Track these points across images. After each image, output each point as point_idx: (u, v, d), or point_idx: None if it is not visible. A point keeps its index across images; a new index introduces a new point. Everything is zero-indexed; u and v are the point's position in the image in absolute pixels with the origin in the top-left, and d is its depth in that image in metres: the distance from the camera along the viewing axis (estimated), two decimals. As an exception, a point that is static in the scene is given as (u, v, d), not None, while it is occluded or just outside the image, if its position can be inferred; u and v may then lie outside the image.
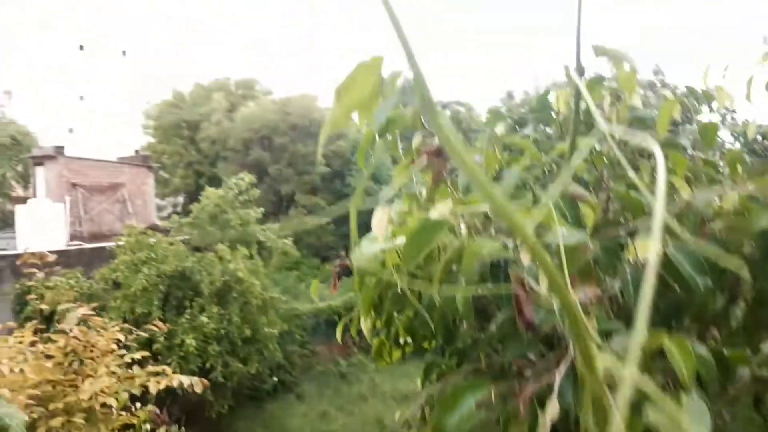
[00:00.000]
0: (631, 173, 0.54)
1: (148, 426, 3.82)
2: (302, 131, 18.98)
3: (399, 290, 1.22)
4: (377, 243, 1.18)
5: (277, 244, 12.33)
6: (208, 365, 8.77)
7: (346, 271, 1.53)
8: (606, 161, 1.28)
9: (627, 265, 0.94)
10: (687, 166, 1.20)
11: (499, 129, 1.70)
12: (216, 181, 16.09)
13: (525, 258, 0.84)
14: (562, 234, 0.83)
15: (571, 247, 0.84)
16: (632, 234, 0.97)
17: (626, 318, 0.94)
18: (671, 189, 1.17)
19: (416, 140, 1.24)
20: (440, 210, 0.98)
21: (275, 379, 10.41)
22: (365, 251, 1.21)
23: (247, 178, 12.92)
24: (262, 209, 12.57)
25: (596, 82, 1.36)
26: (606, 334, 0.84)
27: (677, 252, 0.89)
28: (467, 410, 0.82)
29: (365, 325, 1.43)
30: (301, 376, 11.32)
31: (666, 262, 0.90)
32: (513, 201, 0.99)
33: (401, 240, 1.11)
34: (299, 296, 12.19)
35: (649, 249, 0.86)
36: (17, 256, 11.30)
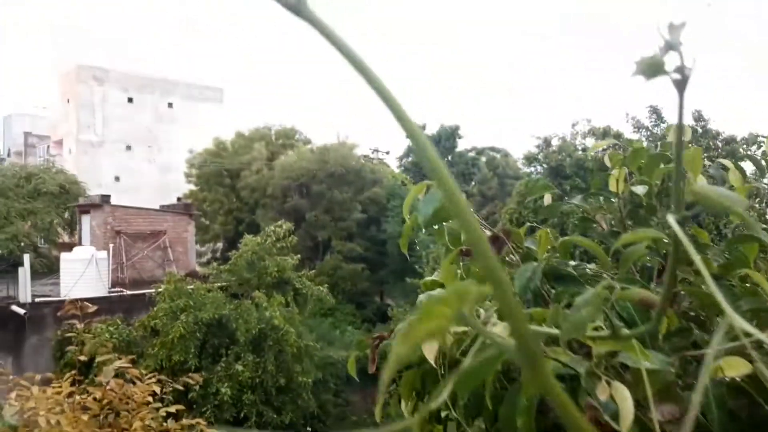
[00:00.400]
0: (704, 271, 0.50)
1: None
2: (339, 179, 19.24)
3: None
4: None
5: (312, 291, 12.37)
6: (242, 414, 8.74)
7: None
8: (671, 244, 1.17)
9: (709, 380, 0.83)
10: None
11: (547, 199, 1.60)
12: (255, 228, 16.34)
13: (603, 393, 0.77)
14: (644, 363, 0.77)
15: (652, 370, 0.80)
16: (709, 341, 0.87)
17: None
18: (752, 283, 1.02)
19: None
20: (498, 330, 0.90)
21: (309, 429, 10.30)
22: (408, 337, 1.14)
23: (285, 225, 13.07)
24: (298, 256, 12.66)
25: (658, 161, 1.27)
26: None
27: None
28: None
29: (406, 409, 1.32)
30: (334, 427, 11.18)
31: (754, 378, 0.80)
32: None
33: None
34: (334, 343, 12.15)
35: (735, 368, 0.78)
36: (60, 302, 11.61)
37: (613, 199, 1.43)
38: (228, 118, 27.90)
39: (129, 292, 13.17)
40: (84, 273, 13.37)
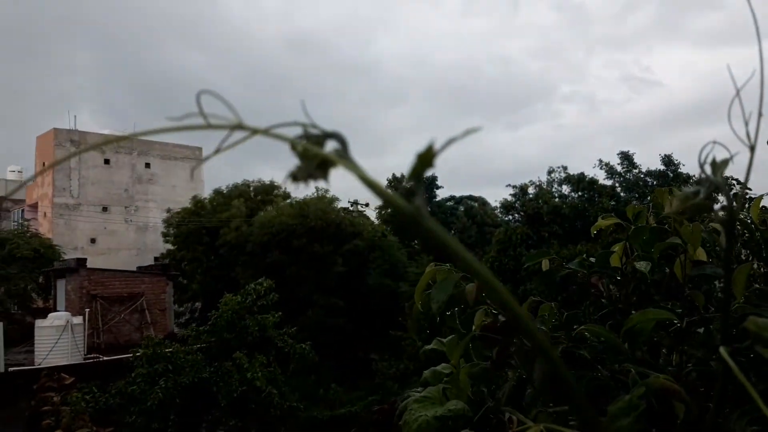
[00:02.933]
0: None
1: None
2: (319, 233, 19.17)
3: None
4: (430, 409, 1.09)
5: (294, 349, 12.13)
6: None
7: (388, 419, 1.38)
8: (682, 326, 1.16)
9: None
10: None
11: (545, 264, 1.57)
12: (235, 286, 16.12)
13: None
14: None
15: None
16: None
17: None
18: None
19: (478, 318, 1.17)
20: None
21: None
22: (416, 416, 1.11)
23: (266, 282, 12.90)
24: (280, 313, 12.47)
25: (660, 237, 1.27)
26: None
27: None
28: None
29: None
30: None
31: None
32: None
33: (454, 406, 1.07)
34: (318, 402, 11.86)
35: None
36: (35, 372, 11.24)
37: (618, 277, 1.40)
38: (207, 176, 27.90)
39: (106, 358, 12.81)
40: (59, 340, 13.01)
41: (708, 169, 0.71)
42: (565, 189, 18.44)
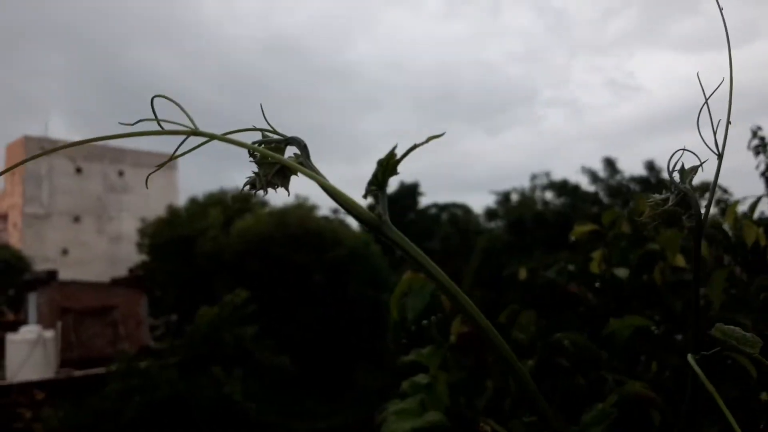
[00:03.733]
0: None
1: None
2: (298, 242, 18.96)
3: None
4: (407, 421, 1.10)
5: (273, 361, 11.96)
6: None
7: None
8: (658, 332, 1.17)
9: None
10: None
11: (522, 273, 1.63)
12: (211, 297, 15.86)
13: None
14: None
15: None
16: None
17: None
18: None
19: (455, 327, 1.17)
20: None
21: None
22: (394, 429, 1.11)
23: (243, 294, 12.72)
24: (257, 326, 12.29)
25: (638, 243, 1.31)
26: None
27: None
28: None
29: None
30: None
31: None
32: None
33: (431, 417, 1.08)
34: (299, 415, 11.67)
35: None
36: (6, 388, 10.91)
37: (597, 284, 1.43)
38: (182, 184, 27.55)
39: (79, 373, 12.48)
40: (30, 354, 12.68)
41: (677, 176, 0.74)
42: (549, 195, 18.55)
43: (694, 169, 0.74)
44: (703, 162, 0.73)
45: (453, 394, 1.13)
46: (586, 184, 17.72)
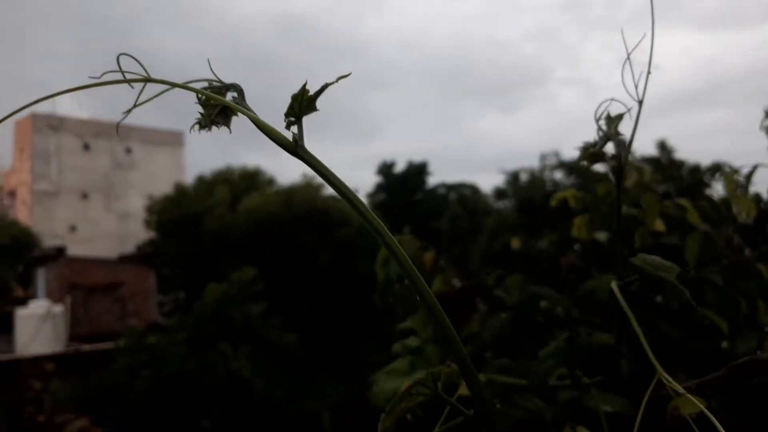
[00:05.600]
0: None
1: None
2: (306, 221, 18.96)
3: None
4: (396, 380, 1.12)
5: (281, 339, 12.01)
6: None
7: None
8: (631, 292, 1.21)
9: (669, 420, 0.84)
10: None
11: (515, 243, 1.67)
12: (218, 275, 15.91)
13: None
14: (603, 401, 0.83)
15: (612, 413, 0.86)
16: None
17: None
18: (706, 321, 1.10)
19: (435, 285, 1.22)
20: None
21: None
22: (383, 387, 1.15)
23: (250, 271, 12.76)
24: (264, 304, 12.33)
25: (616, 206, 1.32)
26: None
27: (724, 413, 0.79)
28: None
29: None
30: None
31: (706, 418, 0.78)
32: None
33: (420, 374, 1.07)
34: (305, 394, 11.75)
35: (689, 407, 0.80)
36: (16, 361, 11.02)
37: (575, 246, 1.51)
38: (190, 162, 27.55)
39: (87, 347, 12.59)
40: (40, 329, 12.79)
41: (603, 124, 0.82)
42: (558, 175, 18.42)
43: (620, 117, 0.82)
44: (628, 110, 0.80)
45: (441, 353, 1.16)
46: (597, 164, 17.60)
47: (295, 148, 0.53)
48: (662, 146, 16.41)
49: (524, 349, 1.11)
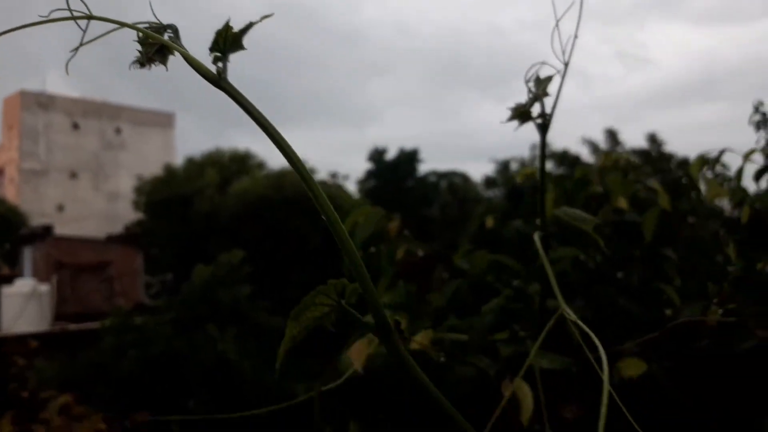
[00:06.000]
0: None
1: None
2: (296, 206, 18.92)
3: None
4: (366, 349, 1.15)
5: (269, 322, 12.01)
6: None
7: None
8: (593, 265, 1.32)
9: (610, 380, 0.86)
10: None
11: (489, 222, 1.74)
12: (207, 257, 15.86)
13: (506, 390, 0.84)
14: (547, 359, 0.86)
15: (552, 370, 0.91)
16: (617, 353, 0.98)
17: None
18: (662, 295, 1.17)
19: (399, 253, 1.24)
20: (419, 340, 0.97)
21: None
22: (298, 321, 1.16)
23: (239, 254, 12.72)
24: (252, 287, 12.32)
25: (582, 185, 1.41)
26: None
27: (664, 375, 0.89)
28: None
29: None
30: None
31: (650, 381, 0.90)
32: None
33: None
34: (293, 376, 11.77)
35: (633, 368, 0.88)
36: (1, 340, 10.95)
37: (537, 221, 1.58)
38: (180, 143, 27.37)
39: (74, 327, 12.53)
40: (25, 307, 12.72)
41: (532, 85, 0.86)
42: (549, 165, 18.47)
43: (548, 78, 0.86)
44: (556, 73, 0.85)
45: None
46: (586, 155, 17.72)
47: (219, 81, 0.54)
48: (652, 139, 16.51)
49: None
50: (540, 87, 0.86)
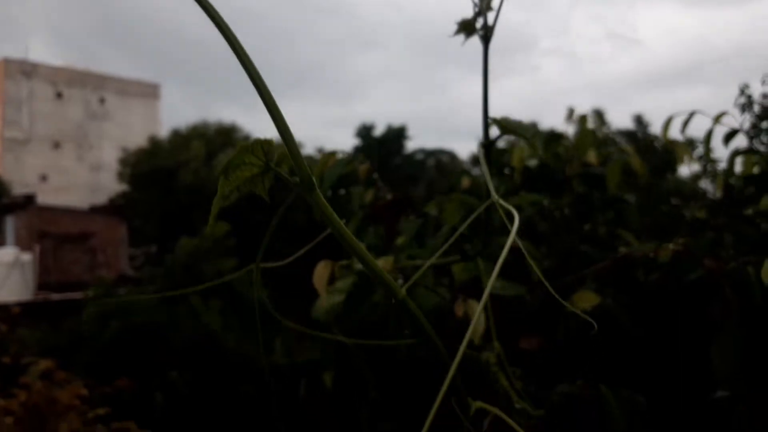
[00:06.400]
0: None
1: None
2: (281, 178, 18.83)
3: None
4: (339, 295, 1.18)
5: (253, 295, 12.03)
6: (179, 423, 8.36)
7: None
8: (559, 214, 1.38)
9: (568, 316, 0.96)
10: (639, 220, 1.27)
11: (465, 182, 1.81)
12: (192, 230, 15.81)
13: (459, 310, 0.87)
14: (498, 286, 0.89)
15: (509, 299, 0.93)
16: (574, 285, 1.01)
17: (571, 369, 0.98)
18: (621, 242, 1.21)
19: (369, 195, 1.26)
20: (381, 264, 0.99)
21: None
22: (324, 303, 1.24)
23: (223, 227, 12.67)
24: (236, 260, 12.32)
25: (553, 139, 1.47)
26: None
27: (615, 305, 0.92)
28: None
29: (328, 380, 1.39)
30: (275, 434, 10.87)
31: (604, 314, 0.93)
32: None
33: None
34: (277, 349, 11.85)
35: (587, 301, 0.90)
36: (-19, 308, 10.89)
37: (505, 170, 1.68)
38: (165, 115, 27.09)
39: (56, 297, 12.51)
40: (8, 276, 12.66)
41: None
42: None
43: None
44: None
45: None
46: (572, 134, 17.76)
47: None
48: (639, 120, 16.61)
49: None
50: (483, 1, 0.91)
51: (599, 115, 17.22)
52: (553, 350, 0.99)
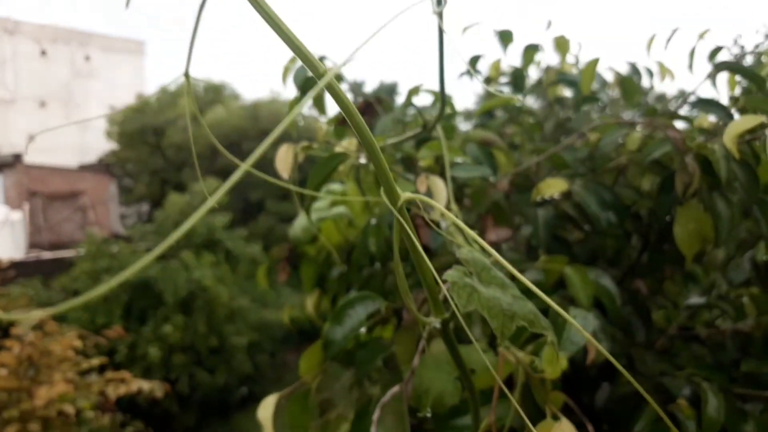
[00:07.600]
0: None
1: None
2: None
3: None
4: (316, 213, 1.21)
5: (245, 252, 12.08)
6: (173, 376, 8.48)
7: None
8: (532, 121, 1.43)
9: (535, 205, 0.97)
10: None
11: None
12: (182, 188, 15.74)
13: (422, 186, 0.87)
14: (462, 168, 0.91)
15: (478, 187, 0.95)
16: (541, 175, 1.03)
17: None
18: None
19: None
20: (345, 145, 1.01)
21: (246, 389, 10.12)
22: (300, 222, 1.27)
23: (213, 184, 12.65)
24: (229, 215, 12.32)
25: (531, 49, 1.52)
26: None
27: (582, 189, 0.92)
28: (357, 322, 0.79)
29: (310, 303, 1.37)
30: (271, 388, 11.03)
31: (573, 201, 0.94)
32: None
33: (337, 210, 1.21)
34: (269, 304, 11.94)
35: (554, 187, 0.90)
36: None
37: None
38: (151, 72, 26.64)
39: (47, 255, 12.49)
40: (-2, 236, 12.61)
41: None
42: (530, 101, 18.45)
43: None
44: None
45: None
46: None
47: None
48: (634, 71, 16.52)
49: None
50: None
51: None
52: (520, 241, 1.00)
